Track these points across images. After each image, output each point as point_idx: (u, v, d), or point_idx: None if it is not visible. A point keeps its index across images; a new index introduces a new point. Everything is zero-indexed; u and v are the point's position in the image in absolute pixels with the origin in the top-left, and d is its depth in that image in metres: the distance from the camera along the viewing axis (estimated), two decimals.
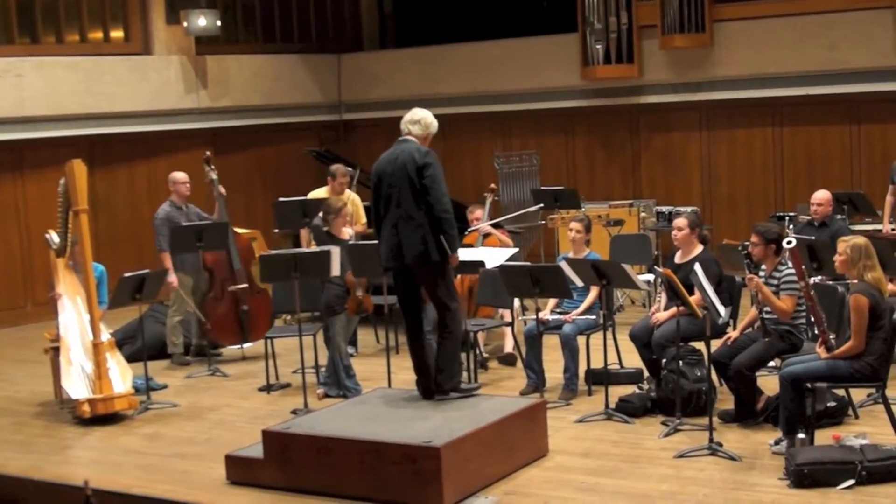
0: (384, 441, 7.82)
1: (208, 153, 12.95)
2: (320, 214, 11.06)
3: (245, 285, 12.55)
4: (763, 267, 9.04)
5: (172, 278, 12.03)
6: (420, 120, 9.08)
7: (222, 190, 12.71)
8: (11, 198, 15.44)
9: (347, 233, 10.94)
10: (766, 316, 8.90)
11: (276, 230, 14.03)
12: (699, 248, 9.85)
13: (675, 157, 17.04)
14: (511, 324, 11.41)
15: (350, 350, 11.67)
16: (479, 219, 12.42)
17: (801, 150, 16.17)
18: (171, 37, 16.82)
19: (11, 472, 8.88)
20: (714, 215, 16.49)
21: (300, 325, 10.58)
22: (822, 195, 11.57)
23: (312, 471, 7.99)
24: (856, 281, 8.13)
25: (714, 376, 9.15)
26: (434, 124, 9.13)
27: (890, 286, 8.96)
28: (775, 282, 8.89)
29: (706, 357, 9.01)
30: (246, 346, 12.66)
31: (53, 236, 10.95)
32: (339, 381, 10.62)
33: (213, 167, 12.74)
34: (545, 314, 10.37)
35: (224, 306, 12.54)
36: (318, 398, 10.45)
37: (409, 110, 9.14)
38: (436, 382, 8.96)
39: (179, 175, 12.45)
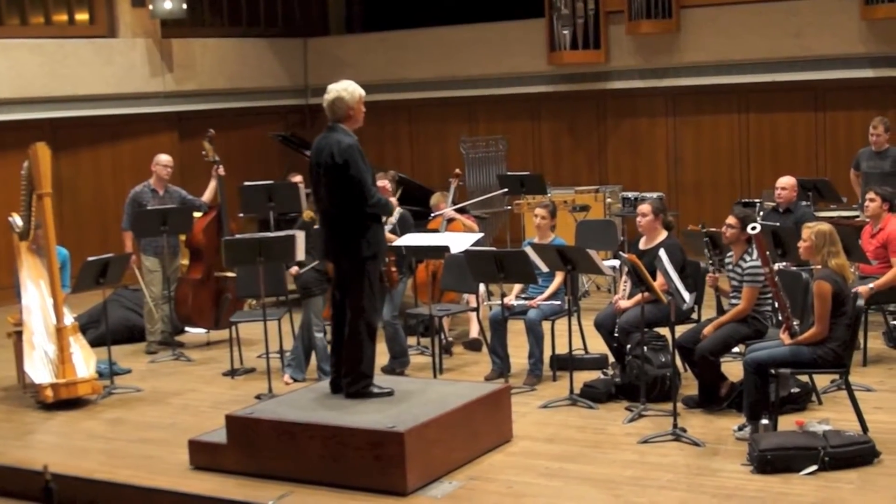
0: (348, 426, 7.79)
1: (212, 131, 12.59)
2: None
3: (233, 275, 12.31)
4: (730, 254, 9.07)
5: (134, 258, 11.97)
6: (332, 105, 8.33)
7: (221, 171, 12.45)
8: None
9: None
10: (734, 302, 8.95)
11: (241, 214, 13.96)
12: (664, 234, 9.86)
13: (642, 143, 17.08)
14: (476, 309, 11.40)
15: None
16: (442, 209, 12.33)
17: (766, 137, 16.24)
18: (136, 20, 16.71)
19: None
20: (680, 201, 16.54)
21: (265, 309, 10.52)
22: (786, 180, 11.59)
23: (276, 456, 7.97)
24: (819, 267, 8.16)
25: (678, 362, 9.19)
26: (350, 96, 8.28)
27: None
28: (739, 271, 8.91)
29: (671, 343, 9.04)
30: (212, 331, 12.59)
31: (17, 220, 10.87)
32: (302, 365, 10.58)
33: (213, 145, 12.44)
34: (510, 299, 10.37)
35: (205, 290, 12.43)
36: (284, 384, 10.40)
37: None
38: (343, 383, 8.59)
39: (162, 157, 12.31)
